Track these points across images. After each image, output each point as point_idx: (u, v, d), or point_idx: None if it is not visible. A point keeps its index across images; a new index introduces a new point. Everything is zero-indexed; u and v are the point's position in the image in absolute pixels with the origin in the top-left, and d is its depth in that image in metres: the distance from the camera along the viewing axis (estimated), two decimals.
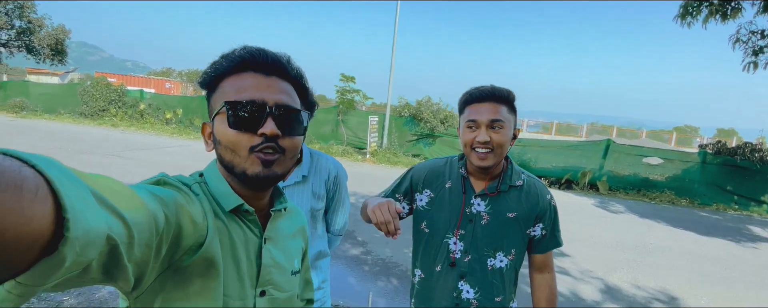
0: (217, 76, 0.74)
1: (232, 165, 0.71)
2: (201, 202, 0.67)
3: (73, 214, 0.34)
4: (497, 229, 1.34)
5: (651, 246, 5.73)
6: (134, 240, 0.45)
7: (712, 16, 7.39)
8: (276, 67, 0.74)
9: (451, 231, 1.36)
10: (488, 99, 1.26)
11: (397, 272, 4.01)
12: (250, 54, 0.72)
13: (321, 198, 1.59)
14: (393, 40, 13.02)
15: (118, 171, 7.17)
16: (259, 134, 0.69)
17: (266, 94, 0.71)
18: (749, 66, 7.76)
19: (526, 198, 1.36)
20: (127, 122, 15.23)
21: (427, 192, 1.43)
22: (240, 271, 0.72)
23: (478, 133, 1.25)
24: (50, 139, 10.43)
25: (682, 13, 7.58)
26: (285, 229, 0.85)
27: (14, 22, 22.87)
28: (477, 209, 1.35)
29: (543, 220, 1.39)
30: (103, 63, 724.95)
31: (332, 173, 1.61)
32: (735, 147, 9.99)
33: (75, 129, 13.27)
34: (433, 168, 1.45)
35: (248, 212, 0.74)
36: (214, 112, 0.72)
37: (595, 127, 33.52)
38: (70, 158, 8.05)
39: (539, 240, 1.41)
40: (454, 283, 1.36)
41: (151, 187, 0.59)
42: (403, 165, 11.55)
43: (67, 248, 0.33)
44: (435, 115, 12.90)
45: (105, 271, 0.42)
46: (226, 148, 0.70)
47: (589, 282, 4.17)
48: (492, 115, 1.24)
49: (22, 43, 23.49)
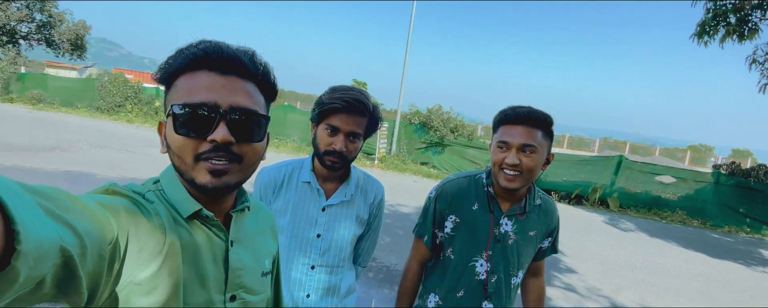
0: (172, 73, 0.67)
1: (181, 172, 0.66)
2: (155, 210, 0.63)
3: (23, 226, 0.32)
4: (522, 248, 1.37)
5: (660, 266, 5.64)
6: (87, 250, 0.42)
7: (730, 36, 7.33)
8: (235, 65, 0.66)
9: (478, 254, 1.35)
10: (523, 122, 1.23)
11: None
12: (204, 51, 0.65)
13: (363, 224, 1.45)
14: (406, 47, 13.07)
15: (131, 167, 7.28)
16: (208, 140, 0.63)
17: (220, 95, 0.64)
18: (765, 87, 7.67)
19: (544, 216, 1.41)
20: (142, 118, 15.46)
21: (452, 218, 1.38)
22: (203, 278, 0.67)
23: (508, 154, 1.23)
24: (66, 131, 10.62)
25: (699, 32, 7.53)
26: (251, 229, 0.80)
27: (35, 15, 23.41)
28: (505, 229, 1.35)
29: (553, 235, 1.46)
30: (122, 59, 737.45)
31: (378, 196, 1.48)
32: (749, 168, 9.83)
33: (91, 123, 13.50)
34: (458, 191, 1.39)
35: (208, 217, 0.69)
36: (167, 112, 0.66)
37: (608, 142, 33.20)
38: (84, 151, 8.19)
39: (544, 252, 1.48)
40: (478, 304, 1.36)
41: (99, 197, 0.56)
42: (411, 172, 11.53)
43: (20, 262, 0.31)
44: (445, 123, 12.89)
45: (58, 285, 0.40)
46: (174, 153, 0.65)
47: (596, 301, 4.11)
48: (524, 139, 1.21)
49: (43, 37, 24.02)
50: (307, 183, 1.37)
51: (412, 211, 6.81)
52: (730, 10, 7.24)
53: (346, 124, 1.25)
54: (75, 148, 8.40)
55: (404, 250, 4.77)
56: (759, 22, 7.17)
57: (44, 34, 24.07)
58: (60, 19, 23.97)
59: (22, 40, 23.87)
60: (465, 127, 13.21)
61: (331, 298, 1.38)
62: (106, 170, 6.72)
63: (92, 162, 7.18)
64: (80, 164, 6.93)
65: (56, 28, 23.93)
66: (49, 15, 23.67)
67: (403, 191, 8.44)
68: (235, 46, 0.68)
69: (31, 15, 23.16)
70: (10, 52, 22.03)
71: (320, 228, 1.35)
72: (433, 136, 13.02)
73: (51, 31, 23.95)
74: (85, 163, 7.03)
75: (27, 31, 23.77)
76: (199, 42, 0.67)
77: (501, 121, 1.28)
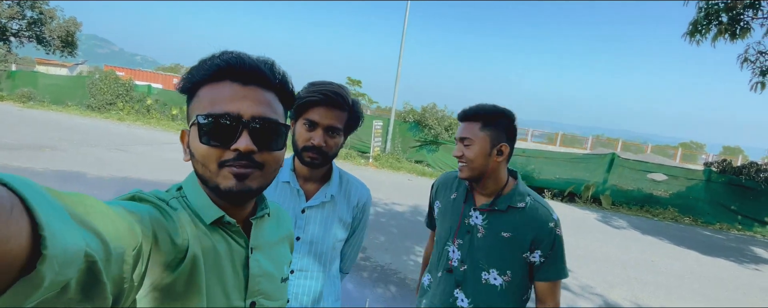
0: (195, 84, 0.70)
1: (205, 179, 0.69)
2: (180, 217, 0.65)
3: (49, 231, 0.33)
4: (491, 245, 1.37)
5: (653, 264, 5.68)
6: (111, 256, 0.43)
7: (721, 35, 7.38)
8: (255, 76, 0.69)
9: (450, 240, 1.46)
10: (461, 119, 1.41)
11: (395, 279, 3.99)
12: (226, 62, 0.67)
13: (346, 227, 1.38)
14: (401, 45, 13.04)
15: (122, 166, 7.20)
16: (232, 149, 0.66)
17: (243, 105, 0.67)
18: (757, 86, 7.73)
19: (524, 221, 1.34)
20: (133, 116, 15.33)
21: (437, 203, 1.58)
22: (225, 284, 0.69)
23: (456, 147, 1.41)
24: (56, 130, 10.49)
25: (691, 31, 7.57)
26: (271, 236, 0.82)
27: (26, 12, 23.09)
28: (474, 222, 1.41)
29: (540, 247, 1.32)
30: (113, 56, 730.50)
31: (362, 199, 1.42)
32: (740, 166, 9.93)
33: (81, 121, 13.35)
34: (445, 180, 1.58)
35: (230, 224, 0.71)
36: (191, 121, 0.69)
37: (600, 139, 33.41)
38: (75, 150, 8.09)
39: (538, 268, 1.35)
40: (451, 290, 1.45)
41: (125, 203, 0.58)
42: (406, 170, 11.53)
43: (45, 266, 0.32)
44: (439, 121, 12.90)
45: (83, 290, 0.40)
46: (198, 161, 0.68)
47: (588, 298, 4.13)
48: (461, 133, 1.38)
49: (33, 34, 23.71)
50: (286, 183, 1.32)
51: (407, 210, 6.80)
52: (722, 9, 7.28)
53: (324, 117, 1.21)
54: (65, 147, 8.30)
55: (399, 249, 4.77)
56: (751, 21, 7.22)
57: (35, 31, 23.75)
58: (51, 16, 23.66)
59: (13, 38, 23.54)
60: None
61: (312, 305, 1.31)
62: (97, 169, 6.64)
63: (83, 162, 7.09)
64: (70, 163, 6.84)
65: (47, 25, 23.63)
66: (40, 12, 23.36)
67: (397, 189, 8.43)
68: (255, 56, 0.71)
69: (21, 12, 22.84)
70: (1, 49, 21.73)
71: (300, 231, 1.29)
72: (427, 134, 13.02)
73: (42, 28, 23.64)
74: (75, 162, 6.94)
75: (17, 28, 23.44)
76: (222, 53, 0.69)
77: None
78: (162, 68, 53.96)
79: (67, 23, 24.23)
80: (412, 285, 3.89)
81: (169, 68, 54.35)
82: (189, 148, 0.70)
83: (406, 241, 5.11)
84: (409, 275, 4.11)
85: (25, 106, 15.81)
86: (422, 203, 7.44)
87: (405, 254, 4.66)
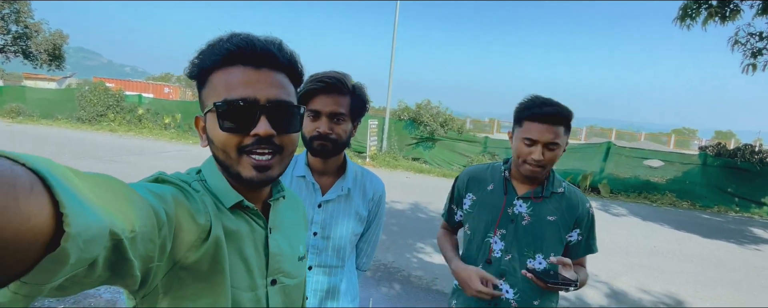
0: (205, 69, 0.70)
1: (226, 165, 0.70)
2: (202, 198, 0.65)
3: (71, 209, 0.33)
4: (538, 231, 1.38)
5: (655, 249, 5.68)
6: (137, 235, 0.44)
7: (712, 18, 7.39)
8: (266, 58, 0.69)
9: (491, 231, 1.42)
10: (550, 120, 1.28)
11: (399, 277, 3.95)
12: (237, 46, 0.67)
13: (363, 222, 1.36)
14: (392, 42, 13.01)
15: (116, 177, 7.10)
16: (251, 135, 0.66)
17: (258, 89, 0.67)
18: (748, 68, 7.76)
19: (566, 203, 1.42)
20: (125, 127, 15.16)
21: (469, 195, 1.51)
22: (247, 263, 0.71)
23: (534, 150, 1.30)
24: (47, 144, 10.36)
25: (681, 15, 7.58)
26: (287, 217, 0.85)
27: (10, 26, 22.82)
28: (519, 210, 1.40)
29: (580, 226, 1.43)
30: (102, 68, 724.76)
31: (377, 193, 1.40)
32: (735, 149, 9.98)
33: (72, 134, 13.19)
34: (475, 173, 1.53)
35: (249, 207, 0.73)
36: (206, 108, 0.69)
37: (594, 129, 33.57)
38: (68, 164, 7.88)
39: (575, 246, 1.45)
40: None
41: (149, 185, 0.59)
42: (403, 168, 11.50)
43: (69, 243, 0.33)
44: (434, 118, 12.87)
45: (111, 268, 0.42)
46: (218, 148, 0.69)
47: (594, 287, 4.11)
48: (551, 138, 1.28)
49: (19, 48, 23.43)
50: (301, 177, 1.29)
51: (407, 207, 6.76)
52: None
53: (326, 105, 1.20)
54: (58, 161, 8.13)
55: (401, 247, 4.73)
56: (740, 3, 7.24)
57: (21, 45, 23.46)
58: (36, 30, 23.38)
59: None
60: (454, 120, 13.20)
61: (330, 301, 1.29)
62: None
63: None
64: None
65: (33, 39, 23.34)
66: (25, 26, 23.07)
67: (396, 187, 8.39)
68: (262, 37, 0.70)
69: (6, 27, 22.55)
70: None
71: (316, 226, 1.26)
72: (423, 131, 12.98)
73: (27, 43, 23.35)
74: None
75: (2, 43, 23.15)
76: (230, 36, 0.68)
77: (529, 117, 1.31)
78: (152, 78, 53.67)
79: (53, 36, 23.95)
80: (417, 283, 3.86)
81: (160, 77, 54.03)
82: (207, 134, 0.71)
83: (408, 239, 5.07)
84: (413, 272, 4.07)
85: (14, 121, 15.60)
86: (422, 200, 7.40)
87: (408, 252, 4.62)
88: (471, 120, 26.24)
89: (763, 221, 8.60)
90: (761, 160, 9.33)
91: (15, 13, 22.44)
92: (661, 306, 3.86)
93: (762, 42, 7.79)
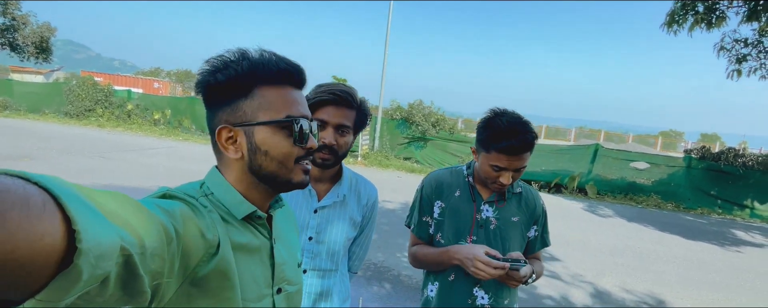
0: (252, 82, 0.72)
1: (274, 175, 0.74)
2: (209, 213, 0.67)
3: (83, 226, 0.34)
4: (505, 233, 1.42)
5: (639, 250, 5.81)
6: (147, 250, 0.45)
7: (698, 25, 7.56)
8: (303, 82, 0.78)
9: (464, 239, 1.41)
10: (526, 150, 1.27)
11: (389, 276, 4.00)
12: (293, 68, 0.74)
13: (356, 227, 1.40)
14: (385, 42, 13.04)
15: (104, 174, 7.05)
16: (308, 148, 0.75)
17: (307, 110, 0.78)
18: (733, 73, 7.95)
19: (525, 203, 1.48)
20: (113, 122, 14.99)
21: (438, 203, 1.48)
22: (255, 274, 0.73)
23: (503, 174, 1.30)
24: (34, 139, 10.21)
25: (668, 21, 7.74)
26: (284, 226, 0.88)
27: None
28: (486, 215, 1.43)
29: (538, 223, 1.51)
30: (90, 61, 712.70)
31: (371, 198, 1.44)
32: (719, 152, 10.19)
33: (60, 129, 13.02)
34: (440, 179, 1.50)
35: (260, 217, 0.76)
36: (255, 120, 0.71)
37: (583, 131, 33.94)
38: (54, 159, 7.89)
39: (532, 242, 1.52)
40: (469, 289, 1.41)
41: (157, 201, 0.60)
42: (395, 168, 11.55)
43: (81, 260, 0.34)
44: (426, 118, 12.94)
45: (122, 285, 0.42)
46: (274, 159, 0.72)
47: (579, 286, 4.20)
48: (520, 164, 1.29)
49: (6, 41, 22.96)
50: None
51: (398, 207, 6.81)
52: None
53: (334, 116, 1.22)
54: (45, 156, 8.09)
55: (391, 247, 4.78)
56: (726, 10, 7.41)
57: (8, 37, 22.98)
58: (24, 22, 22.92)
59: None
60: (446, 120, 13.29)
61: (323, 302, 1.33)
62: (79, 178, 6.48)
63: (64, 170, 6.91)
64: (51, 173, 6.59)
65: (20, 31, 22.88)
66: (12, 18, 22.60)
67: (387, 187, 8.43)
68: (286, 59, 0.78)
69: None
70: None
71: (312, 231, 1.30)
72: (415, 130, 13.05)
73: (15, 35, 22.88)
74: (56, 171, 6.74)
75: None
76: (279, 59, 0.74)
77: (498, 150, 1.27)
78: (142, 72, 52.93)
79: (40, 29, 23.51)
80: (407, 282, 3.91)
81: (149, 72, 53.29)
82: (253, 145, 0.72)
83: (399, 238, 5.12)
84: (403, 272, 4.12)
85: (1, 115, 15.35)
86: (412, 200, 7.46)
87: (398, 251, 4.67)
88: (463, 120, 26.37)
89: (744, 223, 8.81)
90: (744, 164, 9.55)
91: (2, 4, 22.01)
92: (644, 306, 3.96)
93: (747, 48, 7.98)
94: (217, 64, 0.71)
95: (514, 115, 1.31)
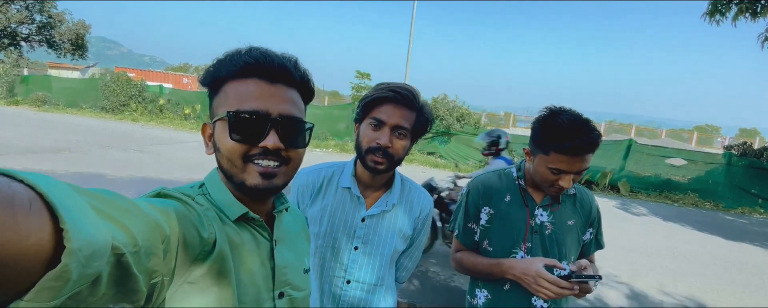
0: (220, 79, 0.71)
1: (230, 174, 0.70)
2: (205, 212, 0.66)
3: (71, 224, 0.33)
4: (561, 238, 1.35)
5: (676, 250, 5.60)
6: (140, 249, 0.44)
7: (743, 14, 7.17)
8: (281, 74, 0.71)
9: (518, 246, 1.34)
10: (585, 151, 1.16)
11: (417, 272, 3.99)
12: (255, 59, 0.69)
13: (406, 240, 1.29)
14: (409, 36, 12.95)
15: (138, 166, 7.28)
16: (259, 146, 0.68)
17: (270, 103, 0.69)
18: None
19: (580, 205, 1.41)
20: (146, 117, 15.49)
21: (486, 209, 1.39)
22: (253, 276, 0.71)
23: (563, 178, 1.21)
24: (73, 132, 10.64)
25: (710, 11, 7.37)
26: (291, 228, 0.85)
27: (35, 16, 23.37)
28: (541, 219, 1.35)
29: (593, 225, 1.45)
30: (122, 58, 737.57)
31: (424, 210, 1.31)
32: (761, 148, 9.72)
33: (96, 123, 13.53)
34: (488, 184, 1.41)
35: (255, 219, 0.73)
36: (217, 116, 0.71)
37: (613, 125, 32.93)
38: (93, 152, 8.20)
39: (587, 245, 1.45)
40: (527, 297, 1.33)
41: (151, 200, 0.59)
42: (419, 162, 11.51)
43: (70, 259, 0.32)
44: (451, 112, 12.82)
45: (116, 284, 0.41)
46: (224, 156, 0.69)
47: (614, 287, 4.09)
48: (581, 166, 1.19)
49: (43, 38, 24.02)
50: (347, 189, 1.24)
51: None
52: None
53: (391, 116, 1.13)
54: (83, 149, 8.42)
55: None
56: None
57: (45, 35, 24.05)
58: (60, 20, 23.92)
59: (24, 42, 23.89)
60: (471, 115, 13.13)
61: None
62: (116, 170, 6.73)
63: (101, 163, 7.18)
64: (89, 165, 6.94)
65: (56, 28, 23.90)
66: (49, 16, 23.62)
67: None
68: (279, 53, 0.72)
69: (30, 16, 23.12)
70: (12, 54, 22.04)
71: (358, 241, 1.22)
72: (439, 125, 12.94)
73: (51, 32, 23.92)
74: (94, 164, 7.04)
75: (27, 32, 23.76)
76: (249, 49, 0.70)
77: (558, 150, 1.17)
78: (171, 68, 54.42)
79: (76, 26, 24.48)
80: (435, 278, 3.89)
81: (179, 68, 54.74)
82: (214, 141, 0.71)
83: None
84: (431, 268, 4.10)
85: (40, 110, 16.06)
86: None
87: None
88: (487, 114, 26.01)
89: None
90: None
91: (39, 3, 22.96)
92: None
93: None
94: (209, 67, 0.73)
95: (574, 113, 1.21)
